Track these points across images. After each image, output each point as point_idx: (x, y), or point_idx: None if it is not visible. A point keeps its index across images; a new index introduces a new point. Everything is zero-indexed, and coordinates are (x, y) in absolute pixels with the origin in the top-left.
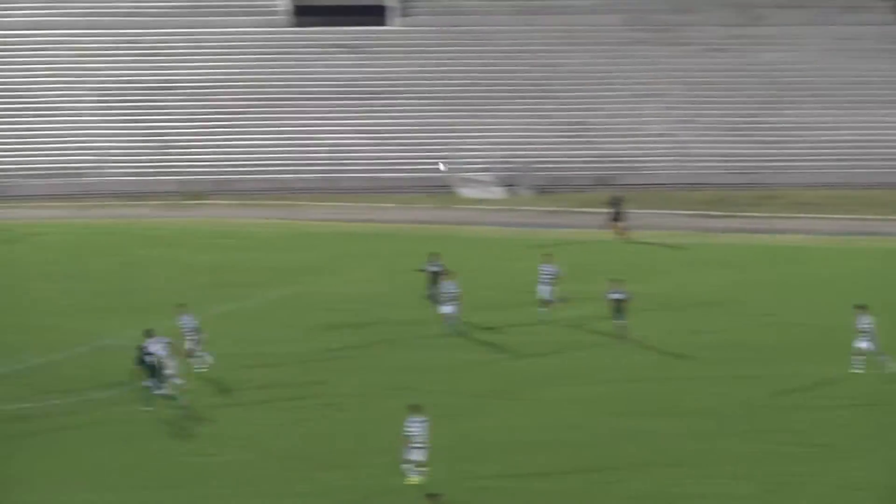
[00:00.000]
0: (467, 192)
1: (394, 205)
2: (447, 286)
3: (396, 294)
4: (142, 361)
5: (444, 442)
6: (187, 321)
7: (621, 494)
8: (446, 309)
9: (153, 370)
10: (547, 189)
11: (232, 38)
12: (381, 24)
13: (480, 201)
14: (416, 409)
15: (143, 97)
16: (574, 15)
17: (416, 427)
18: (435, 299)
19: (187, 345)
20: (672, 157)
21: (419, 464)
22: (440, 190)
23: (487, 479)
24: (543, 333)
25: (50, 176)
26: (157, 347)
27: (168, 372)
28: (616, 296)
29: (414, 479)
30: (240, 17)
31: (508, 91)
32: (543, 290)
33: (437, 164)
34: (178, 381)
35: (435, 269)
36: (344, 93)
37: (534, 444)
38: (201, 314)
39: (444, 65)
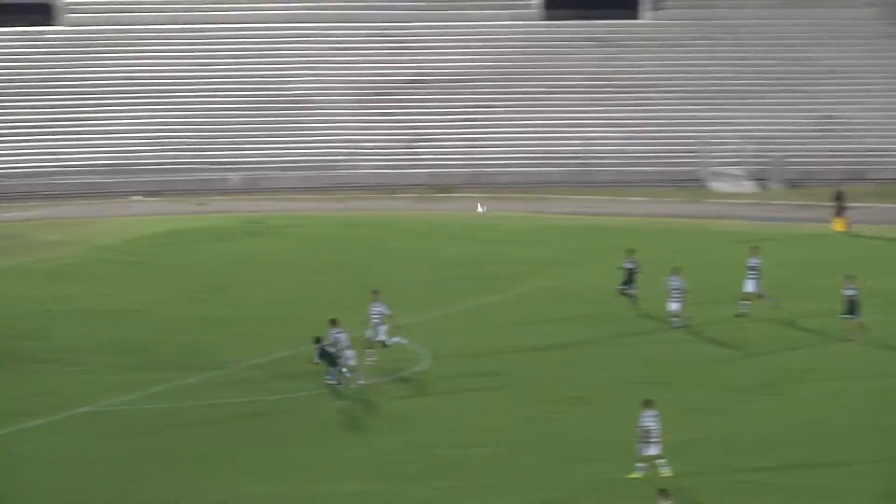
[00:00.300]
0: (718, 186)
1: (643, 198)
2: (674, 281)
3: (641, 288)
4: (323, 353)
5: (696, 436)
6: (379, 310)
7: (871, 490)
8: (673, 305)
9: (333, 361)
10: (797, 183)
11: (484, 31)
12: (633, 17)
13: (731, 195)
14: (649, 403)
15: (395, 90)
16: (826, 8)
17: (649, 421)
18: (626, 294)
19: (377, 334)
20: None
21: (656, 458)
22: (690, 184)
23: (737, 472)
24: (773, 329)
25: (303, 168)
26: (338, 338)
27: (350, 363)
28: (849, 292)
29: (637, 474)
30: (492, 10)
31: (760, 84)
32: (749, 284)
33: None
34: (355, 371)
35: (629, 266)
36: (594, 86)
37: (783, 439)
38: (451, 308)
39: (696, 58)
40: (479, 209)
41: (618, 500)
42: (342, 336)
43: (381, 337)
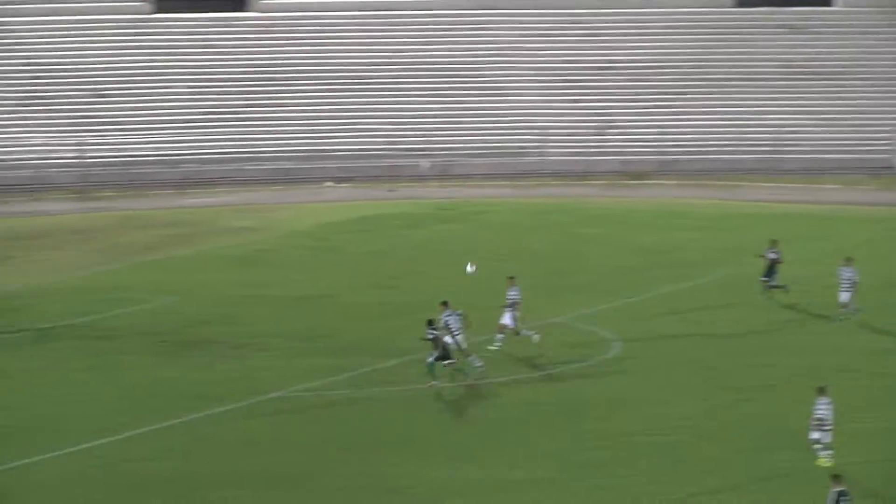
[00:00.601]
0: None
1: (835, 186)
2: (845, 272)
3: (829, 276)
4: (432, 335)
5: (878, 425)
6: (513, 295)
7: None
8: (843, 295)
9: (437, 344)
10: None
11: (675, 18)
12: (825, 4)
13: None
14: (822, 390)
15: (585, 77)
16: None
17: (822, 409)
18: (773, 287)
19: (512, 321)
20: None
21: (826, 445)
22: (883, 172)
23: None
24: None
25: (493, 155)
26: (448, 321)
27: (454, 346)
28: None
29: (825, 461)
30: None
31: None
32: None
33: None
34: (471, 358)
35: (772, 255)
36: (787, 74)
37: None
38: (643, 294)
39: (888, 45)
40: (469, 269)
41: (792, 488)
42: (452, 319)
43: (508, 321)
